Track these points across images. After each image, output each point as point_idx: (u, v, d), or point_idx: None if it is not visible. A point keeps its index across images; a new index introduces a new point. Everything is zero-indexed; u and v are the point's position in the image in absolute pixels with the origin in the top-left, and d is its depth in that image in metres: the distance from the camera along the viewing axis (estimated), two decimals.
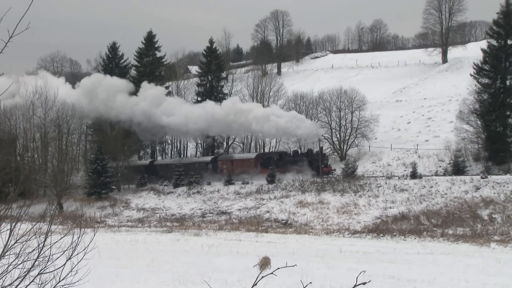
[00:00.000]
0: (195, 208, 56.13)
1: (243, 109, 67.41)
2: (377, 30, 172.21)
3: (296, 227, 45.38)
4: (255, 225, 46.45)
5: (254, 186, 58.39)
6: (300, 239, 38.06)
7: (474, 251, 30.50)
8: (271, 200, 53.40)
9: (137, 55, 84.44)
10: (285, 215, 48.78)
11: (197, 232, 42.46)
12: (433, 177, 51.57)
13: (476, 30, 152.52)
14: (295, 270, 18.28)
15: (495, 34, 58.14)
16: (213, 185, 61.81)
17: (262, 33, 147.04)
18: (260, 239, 38.03)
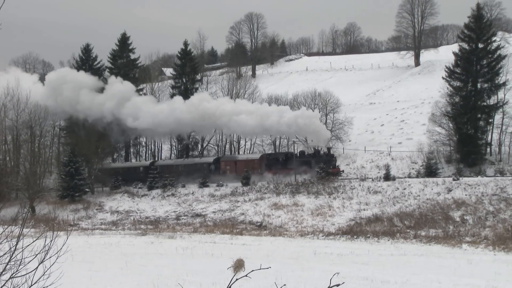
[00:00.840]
0: (169, 210, 55.90)
1: (211, 106, 65.92)
2: (351, 33, 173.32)
3: (271, 229, 45.43)
4: (229, 227, 46.43)
5: (229, 189, 58.33)
6: (274, 241, 38.12)
7: (446, 252, 30.85)
8: (246, 202, 53.40)
9: (110, 57, 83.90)
10: (260, 218, 48.81)
11: (172, 235, 42.30)
12: (406, 179, 52.03)
13: (448, 33, 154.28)
14: (269, 272, 18.29)
15: (467, 37, 58.92)
16: (188, 187, 61.60)
17: (237, 35, 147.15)
18: (234, 241, 38.01)
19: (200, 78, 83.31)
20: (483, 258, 28.00)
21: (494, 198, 42.27)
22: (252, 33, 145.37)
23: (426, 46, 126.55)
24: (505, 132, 58.39)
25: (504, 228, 36.52)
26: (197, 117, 65.27)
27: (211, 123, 66.15)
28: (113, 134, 71.40)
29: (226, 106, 65.77)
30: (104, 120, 69.42)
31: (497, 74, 57.78)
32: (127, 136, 74.10)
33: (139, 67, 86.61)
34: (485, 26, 59.02)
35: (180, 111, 66.42)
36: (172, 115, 66.31)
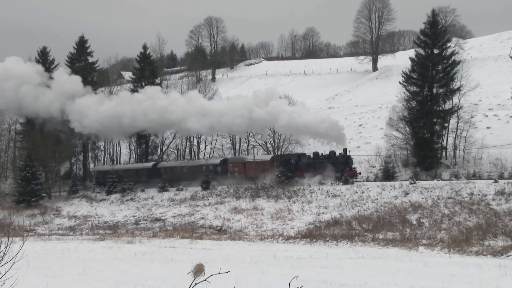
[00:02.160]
0: (128, 215, 55.43)
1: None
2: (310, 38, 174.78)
3: (231, 233, 45.44)
4: (189, 232, 46.27)
5: (188, 193, 58.14)
6: (234, 245, 38.14)
7: (403, 255, 31.30)
8: (205, 206, 53.29)
9: (68, 60, 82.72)
10: (220, 222, 48.77)
11: (131, 240, 41.96)
12: (365, 182, 52.63)
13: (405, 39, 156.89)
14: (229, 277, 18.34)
15: (422, 43, 60.00)
16: (147, 192, 61.15)
17: (197, 39, 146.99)
18: (194, 246, 37.91)
19: (160, 82, 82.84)
20: (439, 260, 28.51)
21: (450, 201, 43.07)
22: (211, 37, 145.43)
23: (384, 52, 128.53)
24: (459, 137, 59.58)
25: (459, 230, 37.25)
26: (154, 114, 63.17)
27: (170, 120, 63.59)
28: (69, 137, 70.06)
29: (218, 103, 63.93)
30: (53, 121, 67.04)
31: (452, 80, 58.96)
32: (85, 139, 73.03)
33: (97, 70, 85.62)
34: (440, 32, 60.20)
35: (133, 107, 64.13)
36: (120, 111, 63.89)
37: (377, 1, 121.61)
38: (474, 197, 42.83)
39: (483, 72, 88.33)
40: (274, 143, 71.47)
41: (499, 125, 67.56)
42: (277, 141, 71.22)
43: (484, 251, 32.61)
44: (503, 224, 36.81)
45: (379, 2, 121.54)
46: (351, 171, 55.34)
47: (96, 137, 74.20)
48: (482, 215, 39.13)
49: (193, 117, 61.98)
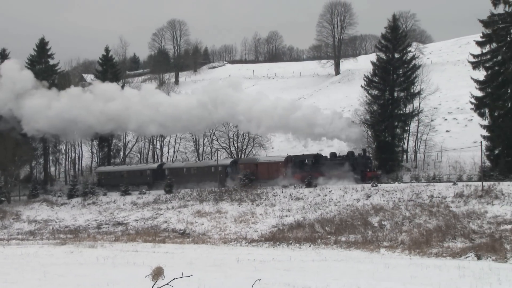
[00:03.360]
0: (90, 219, 54.81)
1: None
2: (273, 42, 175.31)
3: (194, 237, 45.38)
4: (152, 235, 46.04)
5: (151, 196, 57.81)
6: (197, 249, 38.09)
7: (365, 257, 31.68)
8: (169, 210, 53.06)
9: (28, 63, 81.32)
10: (183, 225, 48.65)
11: (92, 244, 41.53)
12: (327, 185, 53.01)
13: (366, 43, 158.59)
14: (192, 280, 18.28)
15: (384, 47, 60.79)
16: (109, 195, 60.56)
17: (160, 42, 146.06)
18: (157, 249, 37.73)
19: (122, 84, 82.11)
20: (400, 262, 28.92)
21: (410, 203, 43.72)
22: (175, 40, 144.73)
23: (346, 55, 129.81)
24: (420, 140, 60.54)
25: (419, 232, 37.85)
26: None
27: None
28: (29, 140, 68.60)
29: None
30: (7, 123, 64.27)
31: (412, 84, 59.84)
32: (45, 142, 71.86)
33: (58, 73, 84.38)
34: (400, 36, 61.10)
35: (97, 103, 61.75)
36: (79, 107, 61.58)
37: (339, 6, 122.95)
38: (434, 200, 43.57)
39: (443, 76, 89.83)
40: (237, 146, 71.56)
41: (458, 128, 68.84)
42: (241, 144, 71.33)
43: (444, 253, 33.23)
44: (462, 226, 37.54)
45: (341, 7, 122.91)
46: (371, 172, 53.93)
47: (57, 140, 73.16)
48: (441, 217, 39.83)
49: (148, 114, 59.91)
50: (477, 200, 41.77)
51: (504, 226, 36.71)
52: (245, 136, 70.89)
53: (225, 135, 71.88)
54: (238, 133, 71.11)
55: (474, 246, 33.62)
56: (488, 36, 53.87)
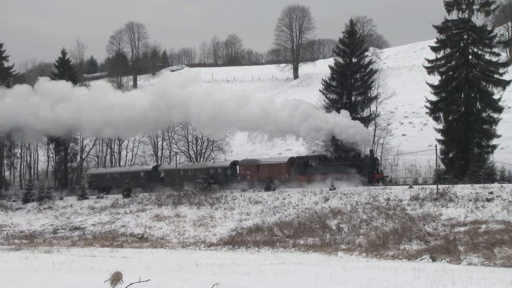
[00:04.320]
0: (46, 224, 53.92)
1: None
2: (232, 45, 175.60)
3: (153, 241, 45.10)
4: (110, 240, 45.61)
5: (109, 200, 57.23)
6: (156, 253, 37.89)
7: (323, 260, 31.95)
8: (127, 214, 52.61)
9: None
10: (141, 229, 48.31)
11: (48, 249, 40.91)
12: (286, 189, 53.26)
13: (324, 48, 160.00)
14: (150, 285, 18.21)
15: (341, 52, 61.52)
16: (66, 200, 59.68)
17: (117, 45, 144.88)
18: (115, 254, 37.38)
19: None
20: (357, 264, 29.26)
21: (368, 206, 44.30)
22: (133, 43, 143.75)
23: (304, 60, 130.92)
24: (377, 143, 61.39)
25: (376, 235, 38.36)
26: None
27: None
28: None
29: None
30: None
31: (369, 88, 60.72)
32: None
33: (13, 76, 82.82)
34: (358, 41, 61.93)
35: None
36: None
37: (297, 10, 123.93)
38: (390, 203, 44.23)
39: (399, 81, 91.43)
40: (196, 150, 71.38)
41: (413, 132, 70.07)
42: (200, 147, 71.17)
43: (400, 255, 33.78)
44: (418, 229, 38.21)
45: (299, 11, 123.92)
46: (378, 174, 52.74)
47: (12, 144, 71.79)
48: (398, 220, 40.47)
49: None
50: (432, 203, 42.59)
51: (458, 229, 37.52)
52: (204, 139, 70.78)
53: (184, 139, 71.63)
54: (197, 137, 70.95)
55: (429, 248, 34.26)
56: (442, 42, 55.12)
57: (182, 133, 71.78)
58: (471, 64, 53.77)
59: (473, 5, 53.10)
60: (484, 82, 53.59)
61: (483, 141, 53.29)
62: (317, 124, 53.93)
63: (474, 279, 22.96)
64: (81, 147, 76.00)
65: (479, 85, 53.42)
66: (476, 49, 53.84)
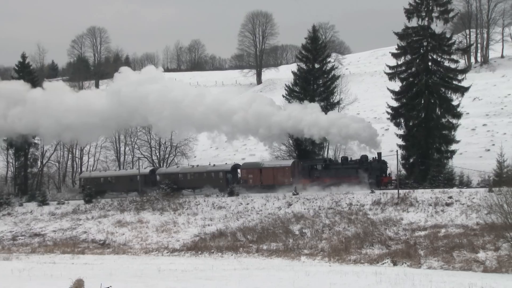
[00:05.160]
0: (5, 230, 52.85)
1: None
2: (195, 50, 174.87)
3: (115, 247, 44.74)
4: (71, 246, 45.13)
5: (70, 206, 56.42)
6: (118, 259, 37.63)
7: (286, 265, 32.15)
8: (88, 220, 51.98)
9: None
10: (103, 236, 47.84)
11: (7, 256, 40.26)
12: (249, 194, 53.27)
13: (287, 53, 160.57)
14: None
15: (304, 58, 61.89)
16: (26, 206, 58.61)
17: (79, 49, 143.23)
18: (76, 261, 37.00)
19: None
20: (320, 269, 29.51)
21: (330, 211, 44.66)
22: (95, 48, 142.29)
23: (267, 65, 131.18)
24: (339, 149, 61.88)
25: (338, 240, 38.74)
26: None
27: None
28: None
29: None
30: None
31: (332, 93, 61.17)
32: None
33: None
34: (320, 47, 62.41)
35: None
36: None
37: (260, 16, 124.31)
38: (353, 207, 44.68)
39: (361, 86, 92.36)
40: (159, 155, 70.92)
41: None
42: (163, 153, 70.74)
43: (362, 259, 34.22)
44: (379, 233, 38.71)
45: (263, 17, 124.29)
46: (386, 178, 51.41)
47: None
48: (360, 225, 40.92)
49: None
50: (394, 207, 43.19)
51: (418, 233, 38.14)
52: (167, 145, 70.40)
53: (146, 144, 71.12)
54: (160, 142, 70.55)
55: (390, 253, 34.78)
56: (402, 48, 56.00)
57: (145, 138, 71.24)
58: (431, 70, 54.71)
59: (433, 13, 54.09)
60: (444, 89, 54.57)
61: (443, 146, 54.21)
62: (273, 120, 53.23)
63: (434, 283, 23.38)
64: (41, 153, 74.80)
65: (439, 91, 54.37)
66: (436, 56, 54.81)
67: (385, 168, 52.15)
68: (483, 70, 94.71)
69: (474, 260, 32.17)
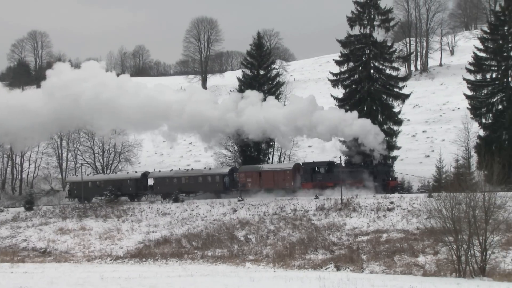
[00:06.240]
0: None
1: None
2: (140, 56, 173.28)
3: (56, 255, 43.94)
4: (10, 255, 44.11)
5: (9, 214, 55.07)
6: (60, 267, 36.97)
7: (231, 271, 32.21)
8: (29, 228, 50.83)
9: None
10: (44, 243, 46.89)
11: None
12: (195, 200, 53.20)
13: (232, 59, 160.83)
14: None
15: (249, 64, 62.36)
16: None
17: (19, 53, 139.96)
18: (15, 269, 36.15)
19: None
20: (264, 275, 29.68)
21: (275, 217, 44.95)
22: (36, 52, 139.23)
23: (213, 71, 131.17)
24: (284, 155, 62.42)
25: (283, 245, 39.03)
26: None
27: None
28: None
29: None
30: None
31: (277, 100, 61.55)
32: None
33: None
34: (265, 54, 62.96)
35: None
36: None
37: (205, 22, 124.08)
38: (297, 213, 45.11)
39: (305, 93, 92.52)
40: (103, 161, 69.98)
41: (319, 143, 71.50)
42: (106, 159, 69.84)
43: (306, 265, 34.59)
44: (323, 238, 39.19)
45: (208, 23, 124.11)
46: (393, 181, 49.89)
47: None
48: (304, 230, 41.34)
49: None
50: (337, 213, 43.83)
51: (361, 238, 38.80)
52: (111, 151, 69.55)
53: (90, 150, 70.08)
54: (104, 148, 69.65)
55: (334, 258, 35.27)
56: (345, 56, 57.07)
57: (88, 144, 70.19)
58: (373, 78, 55.88)
59: (374, 21, 55.32)
60: (385, 96, 55.80)
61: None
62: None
63: (375, 287, 23.85)
64: None
65: (381, 98, 55.55)
66: (377, 63, 56.03)
67: (391, 172, 51.24)
68: (422, 78, 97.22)
69: (414, 264, 32.93)
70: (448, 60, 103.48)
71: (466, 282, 26.95)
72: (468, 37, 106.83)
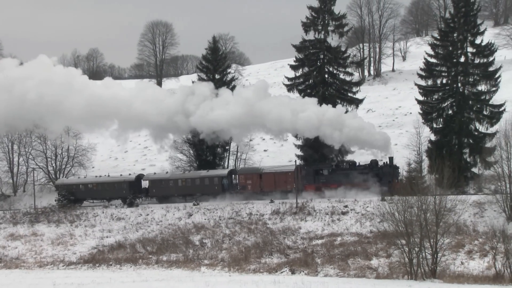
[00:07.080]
0: None
1: None
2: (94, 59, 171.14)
3: (6, 261, 43.09)
4: None
5: None
6: (10, 274, 36.37)
7: (186, 276, 32.15)
8: None
9: None
10: None
11: None
12: (150, 205, 52.84)
13: (188, 63, 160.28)
14: None
15: (205, 68, 62.22)
16: None
17: None
18: None
19: None
20: (220, 279, 29.72)
21: (230, 221, 45.02)
22: None
23: (168, 75, 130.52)
24: (240, 159, 62.52)
25: (238, 249, 39.13)
26: None
27: None
28: None
29: None
30: None
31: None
32: None
33: None
34: (221, 58, 62.96)
35: None
36: None
37: (160, 25, 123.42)
38: (252, 217, 45.26)
39: None
40: (56, 166, 68.70)
41: (274, 148, 71.90)
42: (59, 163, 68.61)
43: (261, 269, 34.76)
44: (278, 242, 39.43)
45: (163, 26, 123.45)
46: (399, 184, 47.07)
47: None
48: (259, 234, 41.52)
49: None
50: (292, 216, 44.15)
51: (316, 241, 39.18)
52: (64, 155, 68.38)
53: (42, 154, 68.75)
54: (57, 152, 68.44)
55: (289, 261, 35.52)
56: (300, 61, 57.56)
57: (40, 148, 68.85)
58: (327, 82, 56.47)
59: (328, 27, 55.95)
60: (339, 100, 56.30)
61: (339, 157, 55.84)
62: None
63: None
64: None
65: (335, 102, 55.98)
66: (332, 68, 56.68)
67: (397, 173, 50.20)
68: (376, 83, 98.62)
69: (367, 267, 33.44)
70: (400, 66, 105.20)
71: (418, 284, 27.53)
72: (419, 43, 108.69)
